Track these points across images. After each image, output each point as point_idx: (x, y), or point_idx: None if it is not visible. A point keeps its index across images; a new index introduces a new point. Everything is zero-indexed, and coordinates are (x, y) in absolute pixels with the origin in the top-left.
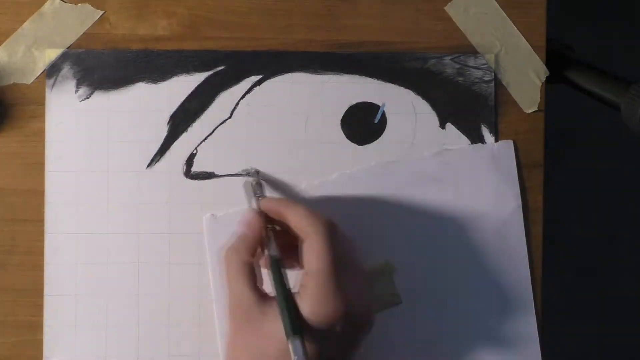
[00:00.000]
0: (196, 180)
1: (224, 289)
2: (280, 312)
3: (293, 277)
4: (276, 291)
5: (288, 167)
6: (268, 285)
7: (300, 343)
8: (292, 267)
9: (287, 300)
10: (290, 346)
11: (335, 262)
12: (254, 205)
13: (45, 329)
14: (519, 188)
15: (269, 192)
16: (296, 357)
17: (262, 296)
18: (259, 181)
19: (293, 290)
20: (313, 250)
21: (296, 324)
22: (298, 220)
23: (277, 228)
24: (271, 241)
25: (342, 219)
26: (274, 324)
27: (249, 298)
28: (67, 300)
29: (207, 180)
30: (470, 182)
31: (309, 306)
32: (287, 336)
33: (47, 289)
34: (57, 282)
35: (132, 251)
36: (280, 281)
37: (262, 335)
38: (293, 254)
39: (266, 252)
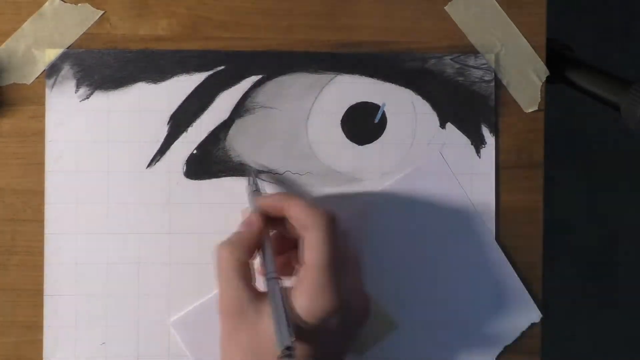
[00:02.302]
0: (196, 180)
1: (217, 287)
2: (274, 322)
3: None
4: (271, 307)
5: (288, 167)
6: (260, 283)
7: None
8: (289, 273)
9: (280, 312)
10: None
11: (334, 255)
12: (253, 204)
13: (45, 329)
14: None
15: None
16: None
17: (257, 294)
18: (255, 180)
19: (288, 285)
20: (312, 243)
21: (287, 335)
22: (297, 212)
23: (273, 232)
24: (267, 251)
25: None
26: (270, 322)
27: (243, 297)
28: (67, 300)
29: (207, 180)
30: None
31: (305, 300)
32: (277, 346)
33: (47, 289)
34: (57, 282)
35: (132, 251)
36: (274, 297)
37: (257, 333)
38: (292, 254)
39: (261, 259)
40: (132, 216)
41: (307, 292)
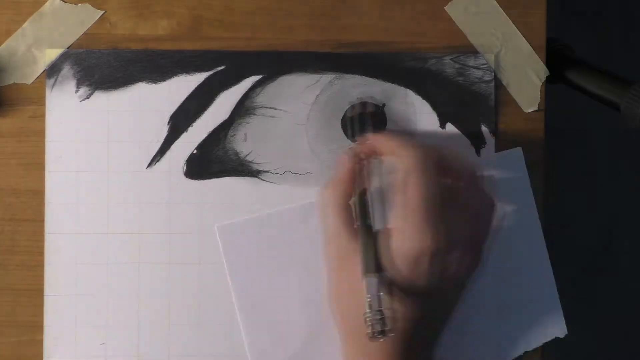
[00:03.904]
0: (196, 180)
1: (321, 229)
2: (360, 247)
3: None
4: (359, 226)
5: (288, 167)
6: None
7: (376, 282)
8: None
9: (367, 235)
10: (363, 283)
11: (435, 194)
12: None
13: (45, 329)
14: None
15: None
16: (369, 296)
17: (356, 236)
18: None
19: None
20: (412, 179)
21: (372, 262)
22: (391, 150)
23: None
24: (363, 175)
25: None
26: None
27: (343, 237)
28: (67, 300)
29: (207, 180)
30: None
31: (401, 239)
32: (362, 273)
33: (47, 289)
34: (57, 282)
35: (132, 251)
36: (362, 215)
37: (356, 273)
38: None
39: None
40: (132, 216)
41: (402, 230)
